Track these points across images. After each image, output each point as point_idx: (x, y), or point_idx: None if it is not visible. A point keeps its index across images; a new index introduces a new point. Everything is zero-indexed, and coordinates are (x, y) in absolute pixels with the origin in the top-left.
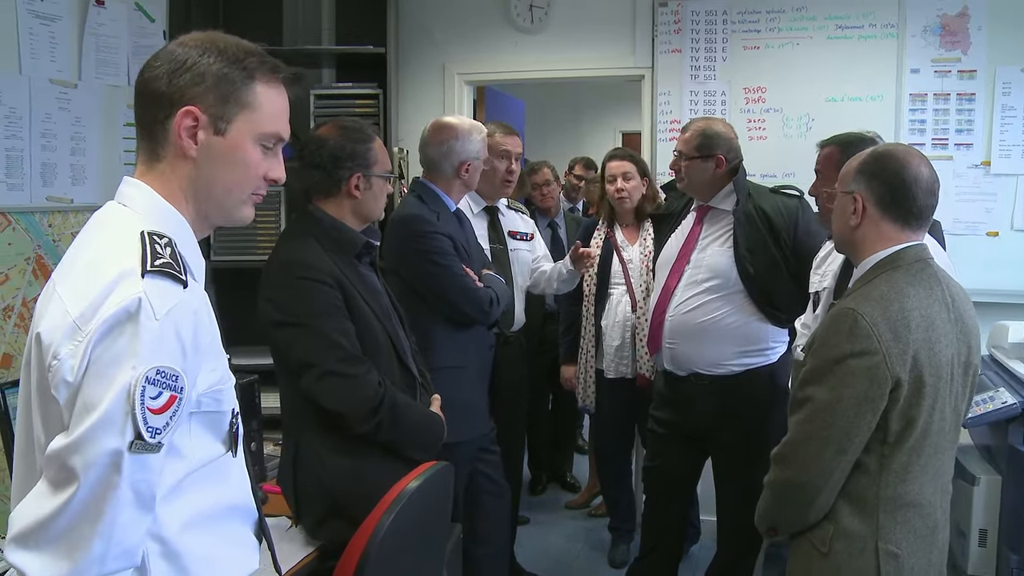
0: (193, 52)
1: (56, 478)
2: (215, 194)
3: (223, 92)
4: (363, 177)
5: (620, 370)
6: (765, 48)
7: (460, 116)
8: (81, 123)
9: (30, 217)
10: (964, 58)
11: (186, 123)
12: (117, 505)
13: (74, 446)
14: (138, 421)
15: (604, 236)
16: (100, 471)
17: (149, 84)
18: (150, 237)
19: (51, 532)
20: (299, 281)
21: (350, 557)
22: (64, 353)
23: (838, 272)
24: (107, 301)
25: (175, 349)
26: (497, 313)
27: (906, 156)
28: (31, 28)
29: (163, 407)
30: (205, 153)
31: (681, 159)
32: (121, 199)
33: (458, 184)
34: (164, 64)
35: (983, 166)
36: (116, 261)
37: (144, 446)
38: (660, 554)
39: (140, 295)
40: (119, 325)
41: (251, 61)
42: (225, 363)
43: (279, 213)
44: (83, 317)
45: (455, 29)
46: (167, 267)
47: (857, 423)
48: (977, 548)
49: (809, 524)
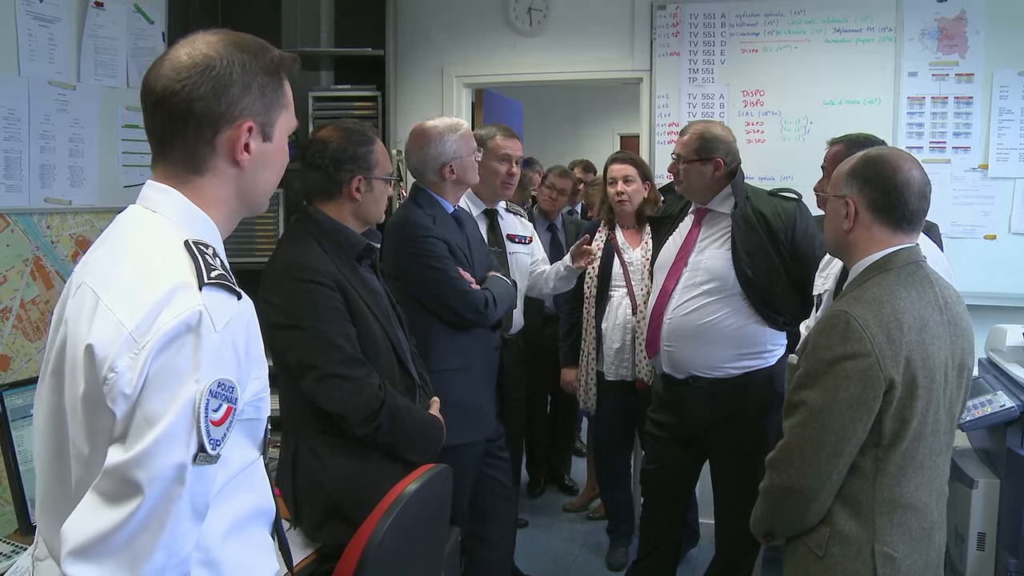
0: (224, 59)
1: (117, 491)
2: (256, 196)
3: (268, 99)
4: (364, 180)
5: (620, 372)
6: (763, 51)
7: (440, 118)
8: (80, 124)
9: (28, 219)
10: (962, 62)
11: (244, 139)
12: (178, 517)
13: (138, 460)
14: (202, 434)
15: (605, 238)
16: (165, 484)
17: (192, 103)
18: (197, 248)
19: (112, 544)
20: (300, 283)
21: (349, 559)
22: (122, 366)
23: (839, 275)
24: (164, 312)
25: (232, 361)
26: (496, 314)
27: (897, 160)
28: (30, 29)
29: (222, 419)
30: (256, 161)
31: (680, 162)
32: (148, 204)
33: (449, 185)
34: (200, 78)
35: (981, 169)
36: (168, 271)
37: (206, 458)
38: (658, 557)
39: (200, 308)
40: (180, 338)
41: (274, 57)
42: (267, 371)
43: (278, 215)
44: (139, 329)
45: (454, 31)
46: (223, 279)
47: (852, 426)
48: (975, 552)
49: (806, 528)
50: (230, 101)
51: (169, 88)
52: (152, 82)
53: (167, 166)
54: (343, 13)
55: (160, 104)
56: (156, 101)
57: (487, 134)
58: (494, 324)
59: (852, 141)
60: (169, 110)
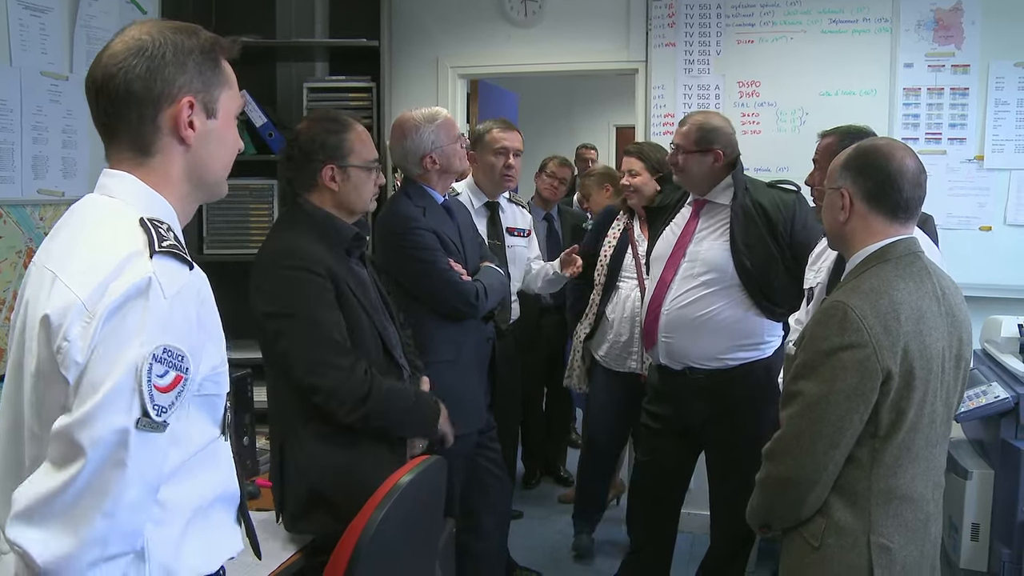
0: (156, 41)
1: (62, 455)
2: (209, 176)
3: (206, 77)
4: (337, 168)
5: (630, 365)
6: (759, 42)
7: (419, 108)
8: (72, 116)
9: (21, 210)
10: (958, 52)
11: (186, 114)
12: (123, 483)
13: (81, 422)
14: (144, 398)
15: (623, 228)
16: (107, 447)
17: (130, 84)
18: (151, 222)
19: (55, 507)
20: (291, 271)
21: (342, 552)
22: (74, 334)
23: (831, 268)
24: (117, 281)
25: (182, 329)
26: (487, 305)
27: (890, 149)
28: (21, 20)
29: (169, 386)
30: (202, 139)
31: (679, 152)
32: (105, 191)
33: (435, 176)
34: (135, 60)
35: (976, 161)
36: (122, 243)
37: (150, 424)
38: (653, 549)
39: (150, 274)
40: (128, 302)
41: (208, 37)
42: (224, 346)
43: (272, 206)
44: (92, 298)
45: (449, 22)
46: (174, 248)
47: (848, 416)
48: (970, 542)
49: (802, 519)
50: (166, 79)
51: (107, 74)
52: (93, 73)
53: (118, 152)
54: (338, 4)
55: (101, 91)
56: (97, 89)
57: (484, 128)
58: (486, 315)
59: (844, 133)
60: (110, 95)
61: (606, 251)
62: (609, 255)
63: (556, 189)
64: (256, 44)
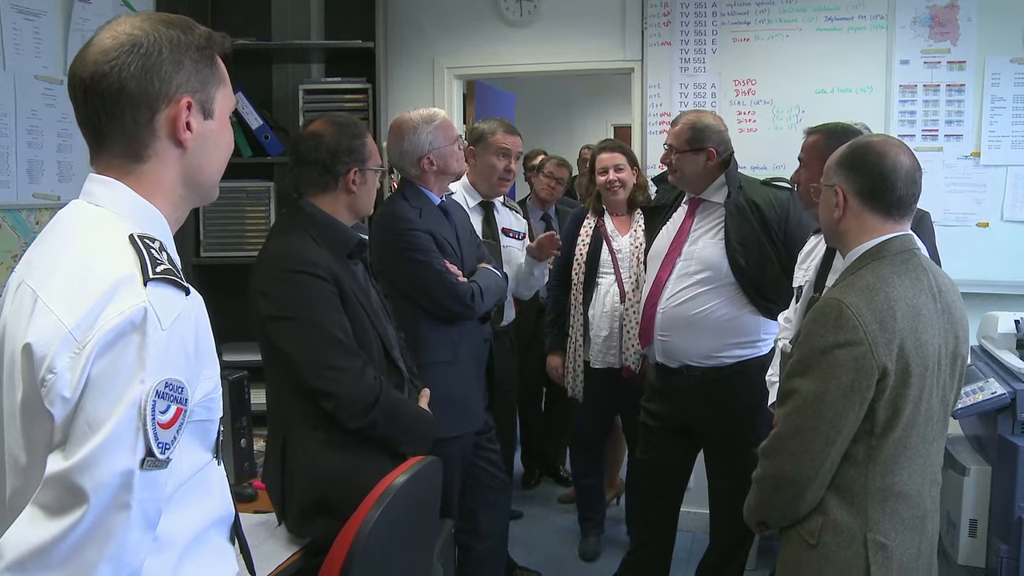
0: (151, 36)
1: (59, 501)
2: (204, 180)
3: (203, 75)
4: (359, 172)
5: (608, 360)
6: (755, 40)
7: (417, 109)
8: (68, 119)
9: (16, 214)
10: (954, 49)
11: (184, 116)
12: (127, 527)
13: (81, 466)
14: (149, 438)
15: (594, 226)
16: (111, 492)
17: (124, 84)
18: (142, 241)
19: (54, 557)
20: (295, 274)
21: (337, 554)
22: (61, 366)
23: (819, 267)
24: (107, 310)
25: (180, 359)
26: (483, 307)
27: (884, 146)
28: (15, 23)
29: (171, 421)
30: (199, 141)
31: (672, 152)
32: (92, 199)
33: (432, 177)
34: (128, 57)
35: (973, 157)
36: (110, 266)
37: (155, 463)
38: (652, 547)
39: (145, 305)
40: (124, 337)
41: (203, 32)
42: (218, 370)
43: (268, 209)
44: (80, 327)
45: (444, 23)
46: (169, 274)
47: (845, 414)
48: (967, 538)
49: (799, 517)
50: (163, 78)
51: (98, 72)
52: (79, 70)
53: (107, 156)
54: (333, 6)
55: (91, 90)
56: (86, 88)
57: (489, 128)
58: (483, 316)
59: (830, 131)
60: (101, 95)
61: (580, 250)
62: (585, 253)
63: (554, 189)
64: (252, 46)
